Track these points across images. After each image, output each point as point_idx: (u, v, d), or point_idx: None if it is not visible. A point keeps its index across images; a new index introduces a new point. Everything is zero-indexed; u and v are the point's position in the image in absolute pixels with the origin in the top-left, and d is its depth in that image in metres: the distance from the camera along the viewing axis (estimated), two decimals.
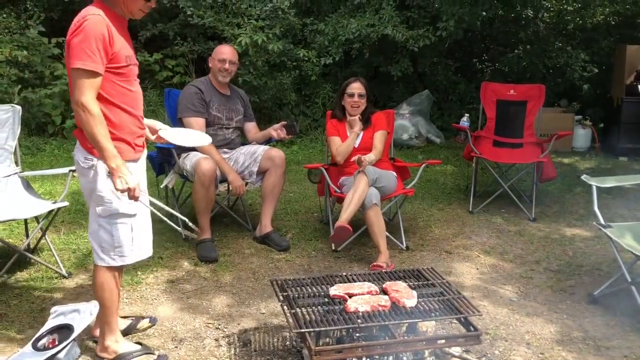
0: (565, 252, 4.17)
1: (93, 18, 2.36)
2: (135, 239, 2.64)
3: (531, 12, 8.79)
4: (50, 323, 1.77)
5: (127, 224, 2.60)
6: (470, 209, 5.00)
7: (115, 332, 2.74)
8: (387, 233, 3.98)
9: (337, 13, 7.62)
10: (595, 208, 3.38)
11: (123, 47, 2.48)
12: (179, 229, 2.61)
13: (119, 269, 2.70)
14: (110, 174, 2.41)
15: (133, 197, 2.45)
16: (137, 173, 2.60)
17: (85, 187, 2.60)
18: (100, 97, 2.43)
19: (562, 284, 3.65)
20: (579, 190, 5.64)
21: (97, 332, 2.78)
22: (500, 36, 8.92)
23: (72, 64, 2.35)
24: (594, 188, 3.44)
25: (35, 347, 1.71)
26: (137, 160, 2.65)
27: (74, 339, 1.68)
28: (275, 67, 7.48)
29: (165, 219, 2.74)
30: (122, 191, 2.41)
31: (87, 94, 2.35)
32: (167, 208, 2.63)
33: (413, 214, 4.93)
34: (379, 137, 4.27)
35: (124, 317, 3.05)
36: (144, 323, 3.05)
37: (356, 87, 4.27)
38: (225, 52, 4.22)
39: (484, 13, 7.34)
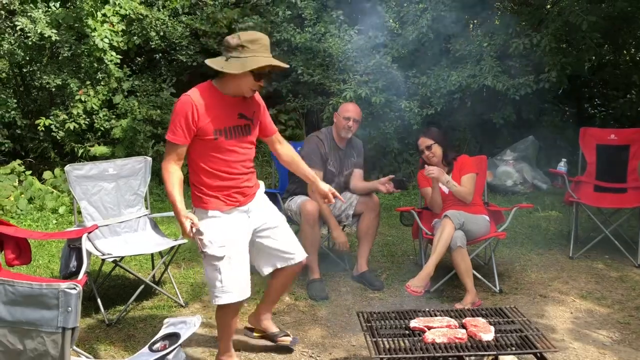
0: None
1: (182, 99, 2.84)
2: (225, 281, 2.92)
3: None
4: (163, 331, 2.17)
5: (215, 265, 2.93)
6: (571, 255, 4.93)
7: (228, 351, 3.16)
8: (479, 276, 4.10)
9: (438, 65, 7.89)
10: None
11: (213, 121, 2.85)
12: None
13: (227, 306, 2.99)
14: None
15: (187, 234, 2.81)
16: (223, 223, 2.94)
17: None
18: (193, 159, 2.93)
19: None
20: None
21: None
22: (612, 80, 8.67)
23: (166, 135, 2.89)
24: None
25: (150, 349, 2.12)
26: (229, 212, 2.98)
27: (179, 345, 2.06)
28: (378, 117, 7.84)
29: None
30: (185, 232, 2.80)
31: (168, 159, 2.86)
32: None
33: (510, 259, 4.96)
34: (466, 179, 4.31)
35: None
36: (286, 339, 3.42)
37: (422, 142, 4.36)
38: (350, 110, 4.37)
39: (594, 57, 7.22)
